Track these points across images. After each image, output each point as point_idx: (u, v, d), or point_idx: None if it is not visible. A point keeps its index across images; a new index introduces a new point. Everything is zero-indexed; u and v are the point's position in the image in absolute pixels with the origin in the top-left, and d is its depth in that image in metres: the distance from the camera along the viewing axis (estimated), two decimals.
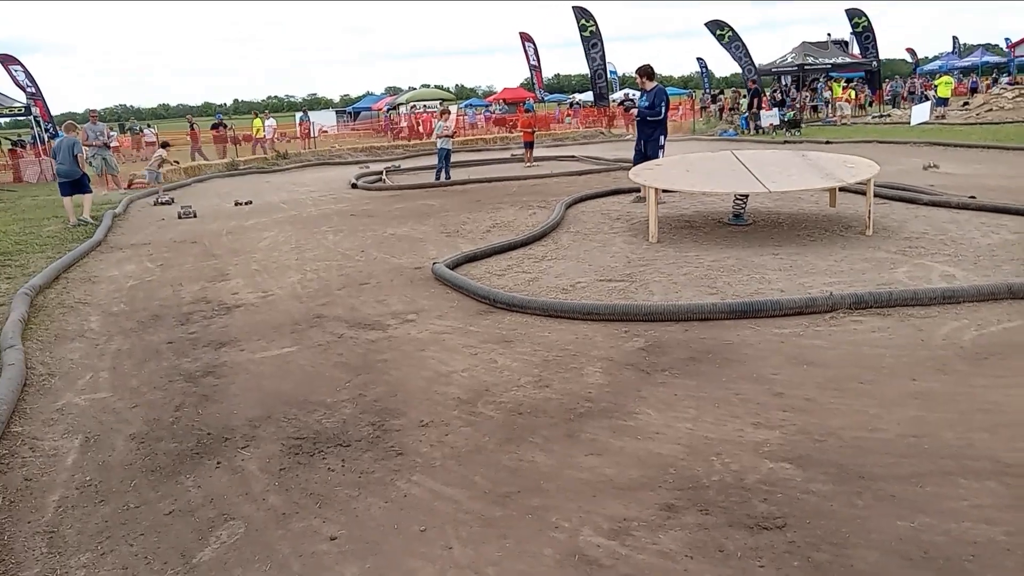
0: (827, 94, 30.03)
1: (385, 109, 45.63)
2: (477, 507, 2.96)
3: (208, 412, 4.11)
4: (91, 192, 12.77)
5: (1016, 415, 3.47)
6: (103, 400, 4.36)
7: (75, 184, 12.22)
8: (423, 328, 5.37)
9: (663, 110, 10.13)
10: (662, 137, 10.17)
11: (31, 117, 23.85)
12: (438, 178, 15.48)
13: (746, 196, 8.47)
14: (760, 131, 23.17)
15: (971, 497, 2.82)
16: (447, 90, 55.15)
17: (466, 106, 40.82)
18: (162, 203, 14.42)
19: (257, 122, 29.03)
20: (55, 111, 27.94)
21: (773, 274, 6.22)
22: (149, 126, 29.64)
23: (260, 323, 5.78)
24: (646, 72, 10.19)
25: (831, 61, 30.72)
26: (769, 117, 24.10)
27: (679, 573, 2.49)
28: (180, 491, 3.24)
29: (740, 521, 2.76)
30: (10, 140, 29.51)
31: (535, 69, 36.54)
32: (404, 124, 35.31)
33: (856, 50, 33.33)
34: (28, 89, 22.71)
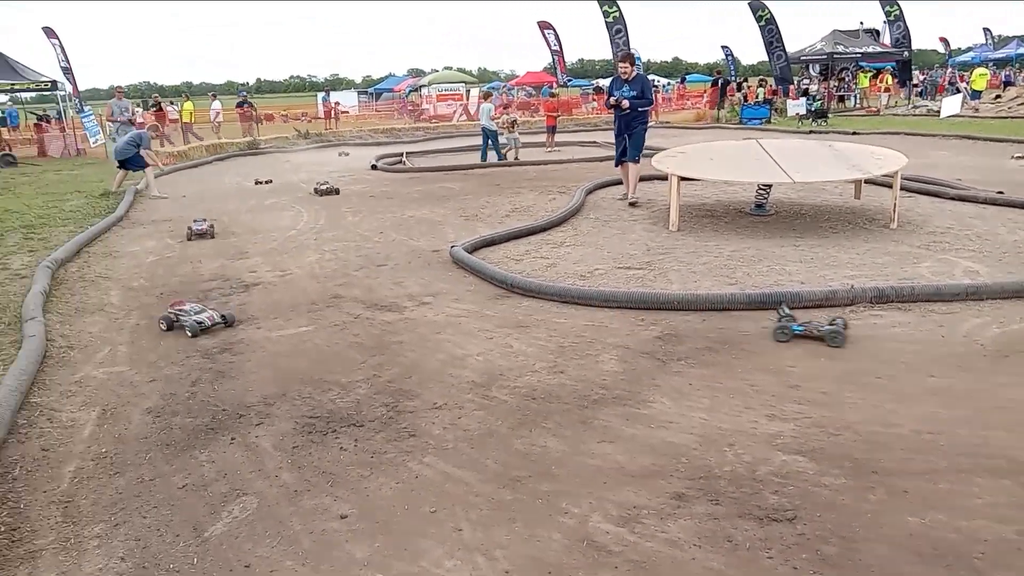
0: (854, 84, 29.56)
1: (406, 91, 45.57)
2: (488, 490, 2.96)
3: (224, 388, 4.14)
4: (148, 165, 13.11)
5: None
6: (121, 373, 4.41)
7: (129, 161, 12.88)
8: (439, 311, 5.38)
9: (652, 97, 9.73)
10: (645, 127, 9.52)
11: (57, 92, 24.05)
12: (484, 158, 15.64)
13: (769, 186, 8.37)
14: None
15: (985, 495, 2.78)
16: (469, 73, 54.91)
17: (489, 88, 40.57)
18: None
19: (188, 105, 26.14)
20: (81, 87, 28.18)
21: (793, 266, 6.16)
22: (172, 103, 29.72)
23: (277, 301, 5.81)
24: (631, 58, 9.62)
25: (862, 50, 30.16)
26: (796, 107, 23.76)
27: (687, 562, 2.48)
28: (194, 465, 3.28)
29: (750, 512, 2.74)
30: (36, 115, 29.84)
31: (557, 55, 36.24)
32: (427, 106, 35.22)
33: (887, 39, 32.73)
34: (63, 64, 22.85)
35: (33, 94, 30.30)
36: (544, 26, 35.22)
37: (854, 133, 18.51)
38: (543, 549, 2.58)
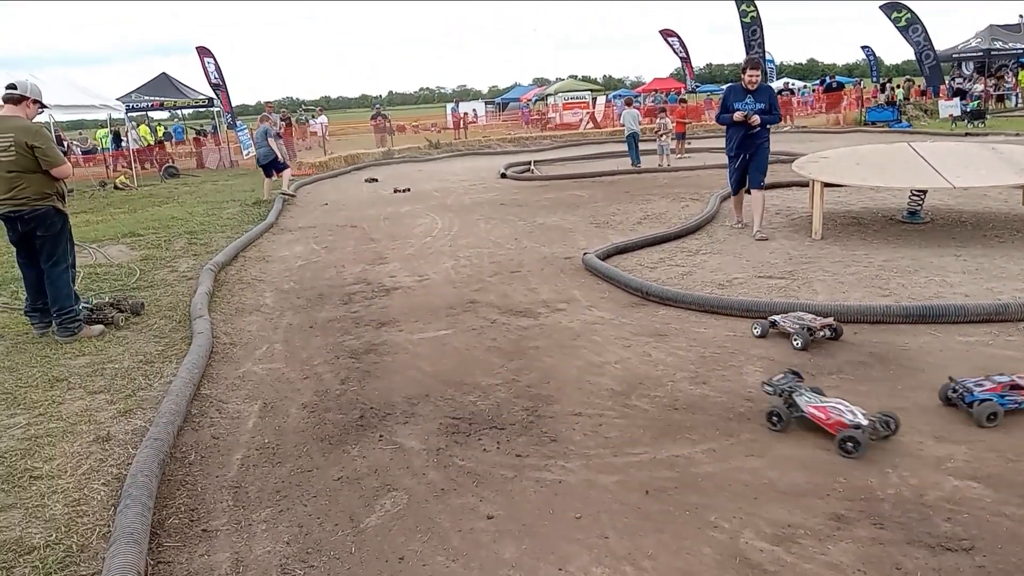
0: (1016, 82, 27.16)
1: (533, 100, 46.08)
2: (633, 499, 2.92)
3: (370, 387, 4.32)
4: (287, 167, 14.38)
5: None
6: (278, 370, 4.70)
7: (270, 165, 14.11)
8: (574, 317, 5.38)
9: (779, 111, 8.12)
10: (769, 145, 7.85)
11: (212, 109, 26.04)
12: (636, 161, 15.67)
13: (924, 192, 7.82)
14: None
15: None
16: (595, 81, 54.81)
17: (614, 97, 40.32)
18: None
19: (143, 130, 25.64)
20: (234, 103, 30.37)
21: (955, 276, 5.71)
22: (314, 116, 31.48)
23: (417, 305, 6.01)
24: (760, 66, 7.97)
25: (1023, 46, 27.70)
26: (949, 108, 22.13)
27: None
28: (347, 460, 3.43)
29: (920, 539, 2.55)
30: (195, 129, 32.47)
31: (685, 61, 35.55)
32: (553, 115, 35.47)
33: None
34: (214, 81, 24.77)
35: (191, 111, 33.03)
36: (667, 34, 34.62)
37: (1017, 135, 16.99)
38: (693, 563, 2.51)
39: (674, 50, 34.67)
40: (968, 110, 21.58)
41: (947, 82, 26.64)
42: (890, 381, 3.89)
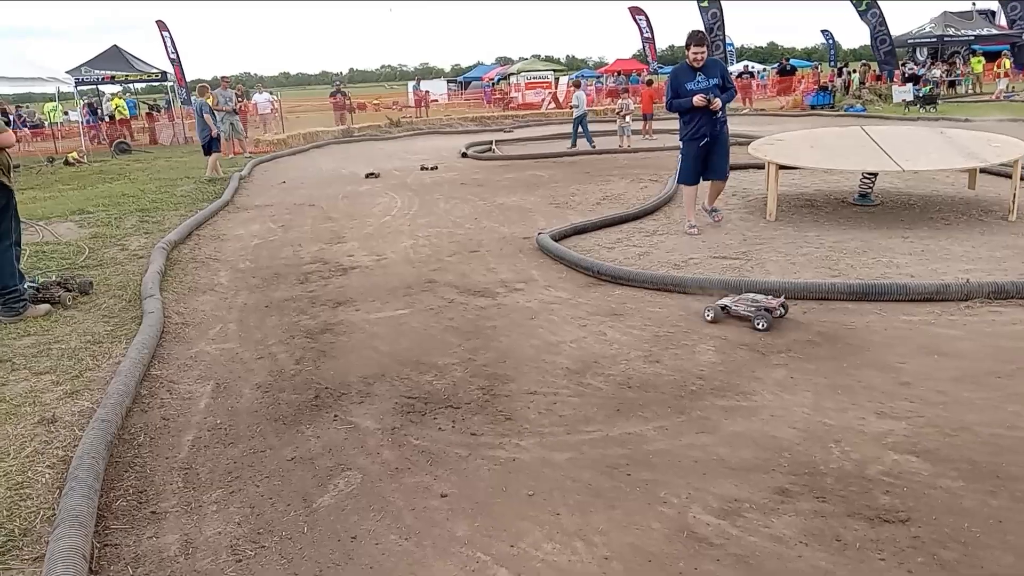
0: (967, 68, 27.83)
1: (495, 79, 45.79)
2: (585, 476, 2.97)
3: (326, 367, 4.29)
4: (217, 152, 13.97)
5: None
6: (231, 350, 4.64)
7: (209, 143, 13.86)
8: (532, 297, 5.40)
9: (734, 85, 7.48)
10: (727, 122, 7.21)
11: (165, 83, 25.35)
12: (574, 144, 15.73)
13: (874, 175, 8.00)
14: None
15: None
16: (557, 61, 54.65)
17: (577, 76, 40.30)
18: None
19: (48, 106, 24.35)
20: (188, 77, 29.60)
21: (903, 258, 5.87)
22: (271, 92, 30.79)
23: (374, 285, 5.97)
24: (704, 40, 7.14)
25: (975, 32, 28.38)
26: (902, 93, 22.60)
27: (792, 559, 2.41)
28: (301, 440, 3.41)
29: (860, 512, 2.64)
30: (147, 104, 31.56)
31: (648, 41, 35.65)
32: (515, 94, 35.32)
33: (1003, 21, 30.63)
34: (171, 56, 24.09)
35: (143, 85, 32.06)
36: (635, 12, 34.68)
37: (966, 120, 17.44)
38: (642, 537, 2.56)
39: (640, 28, 34.74)
40: (921, 95, 22.06)
41: (901, 68, 27.14)
42: (836, 359, 3.99)
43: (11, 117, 23.36)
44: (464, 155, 15.33)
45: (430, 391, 3.87)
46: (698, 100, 6.78)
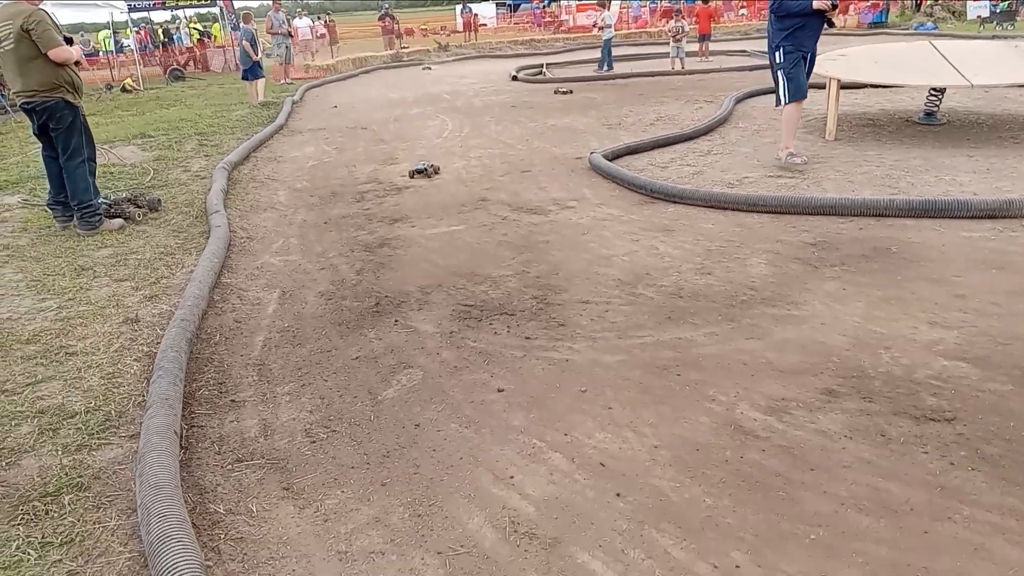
0: None
1: (545, 1, 44.48)
2: (636, 375, 3.08)
3: (385, 278, 4.46)
4: (262, 78, 13.97)
5: None
6: (294, 262, 4.84)
7: (248, 70, 13.78)
8: (583, 214, 5.46)
9: None
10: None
11: (213, 9, 25.34)
12: (600, 68, 15.33)
13: (942, 91, 7.69)
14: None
15: None
16: None
17: None
18: None
19: (102, 34, 22.86)
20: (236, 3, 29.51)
21: (966, 176, 5.71)
22: (319, 18, 30.56)
23: (428, 203, 6.09)
24: None
25: None
26: (977, 8, 21.32)
27: (836, 451, 2.51)
28: (364, 341, 3.60)
29: (905, 411, 2.71)
30: (198, 31, 31.67)
31: None
32: (566, 17, 34.37)
33: None
34: None
35: (192, 12, 32.06)
36: None
37: None
38: (691, 430, 2.69)
39: None
40: (998, 11, 20.78)
41: None
42: (890, 273, 3.99)
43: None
44: (515, 78, 15.14)
45: (485, 300, 4.01)
46: (819, 3, 5.88)
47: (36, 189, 6.90)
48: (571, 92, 12.45)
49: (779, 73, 6.26)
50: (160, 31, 25.71)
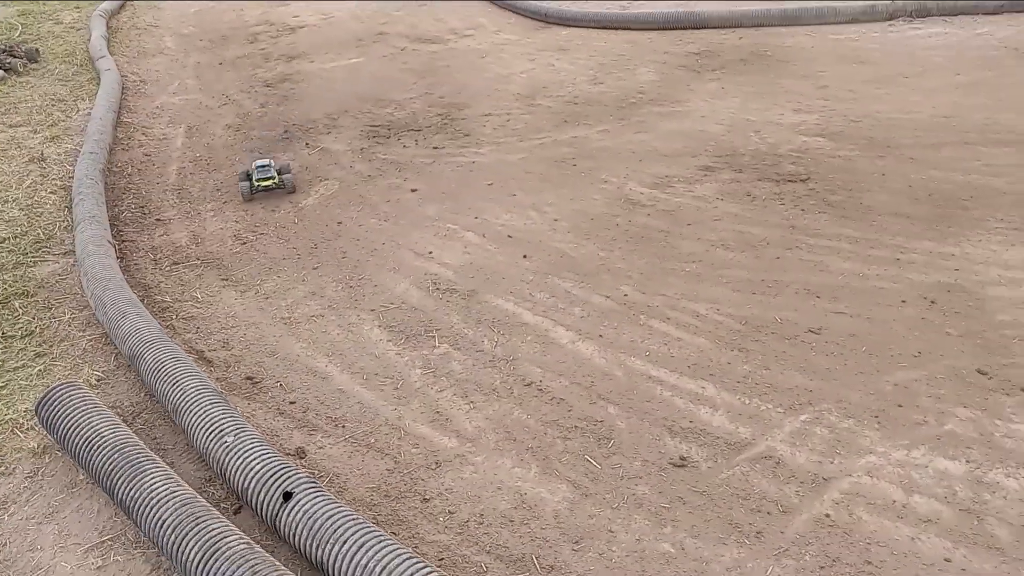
0: None
1: None
2: (537, 168, 3.38)
3: (290, 109, 4.51)
4: None
5: None
6: (195, 100, 4.80)
7: None
8: (482, 40, 5.54)
9: None
10: None
11: None
12: None
13: None
14: None
15: (984, 158, 3.11)
16: None
17: None
18: None
19: None
20: None
21: None
22: None
23: (325, 40, 6.00)
24: None
25: None
26: None
27: (709, 210, 2.92)
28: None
29: (768, 177, 3.13)
30: None
31: None
32: None
33: None
34: None
35: None
36: None
37: None
38: (586, 205, 3.04)
39: None
40: None
41: None
42: (764, 73, 4.34)
43: None
44: None
45: (392, 120, 4.16)
46: None
47: None
48: None
49: None
50: None
